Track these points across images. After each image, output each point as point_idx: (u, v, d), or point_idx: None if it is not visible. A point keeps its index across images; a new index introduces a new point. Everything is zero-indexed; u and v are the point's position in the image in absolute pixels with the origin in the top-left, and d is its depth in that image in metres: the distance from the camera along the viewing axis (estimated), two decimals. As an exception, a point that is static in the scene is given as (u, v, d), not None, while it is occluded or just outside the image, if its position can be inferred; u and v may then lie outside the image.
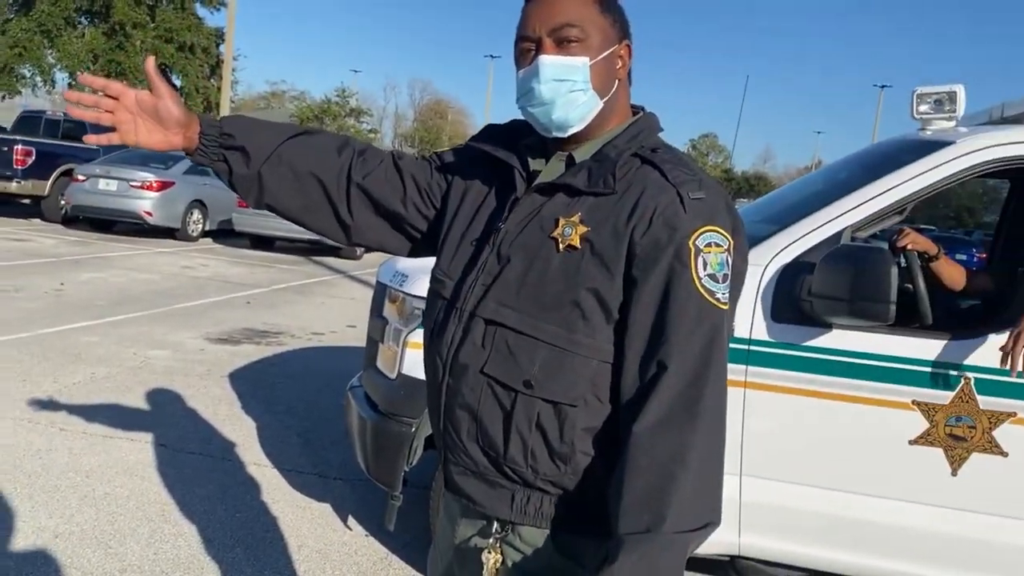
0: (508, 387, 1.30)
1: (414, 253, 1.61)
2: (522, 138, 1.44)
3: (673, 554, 1.17)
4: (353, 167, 1.51)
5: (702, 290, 1.23)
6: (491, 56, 63.51)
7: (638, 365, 1.25)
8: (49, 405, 4.79)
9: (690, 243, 1.24)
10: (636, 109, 1.44)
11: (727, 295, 1.26)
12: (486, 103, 64.58)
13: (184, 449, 4.32)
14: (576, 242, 1.28)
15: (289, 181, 1.49)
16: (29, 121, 16.89)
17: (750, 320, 2.63)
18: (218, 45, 30.06)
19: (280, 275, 11.27)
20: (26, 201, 14.92)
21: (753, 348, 2.63)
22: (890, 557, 2.62)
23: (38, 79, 28.25)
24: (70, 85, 28.31)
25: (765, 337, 2.62)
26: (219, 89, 29.46)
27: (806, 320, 2.57)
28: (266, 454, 4.40)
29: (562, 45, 1.31)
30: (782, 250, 2.67)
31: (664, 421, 1.20)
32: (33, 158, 13.96)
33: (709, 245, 1.24)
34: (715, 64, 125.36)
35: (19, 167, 13.84)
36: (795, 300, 2.58)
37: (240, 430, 4.71)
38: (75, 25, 27.79)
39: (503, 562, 1.37)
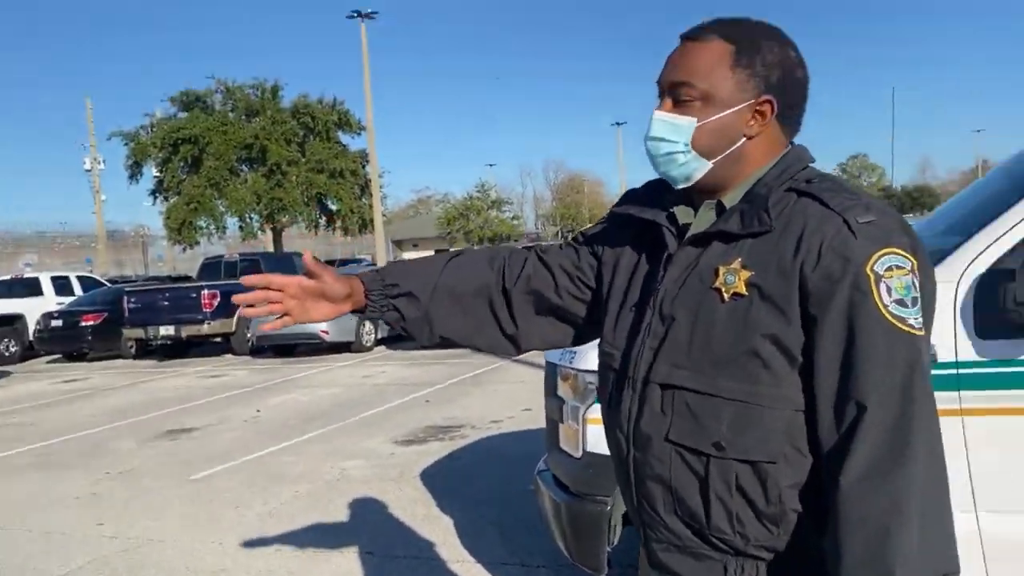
0: (698, 452, 1.24)
1: (580, 340, 1.60)
2: (665, 195, 1.41)
3: None
4: (506, 277, 1.53)
5: (891, 317, 1.15)
6: (617, 123, 64.25)
7: (833, 410, 1.17)
8: (262, 527, 5.07)
9: (867, 270, 1.16)
10: (789, 144, 1.38)
11: (920, 319, 1.16)
12: (619, 170, 65.05)
13: (391, 554, 4.41)
14: (741, 289, 1.22)
15: (454, 309, 1.53)
16: (210, 267, 18.55)
17: (953, 341, 2.42)
18: (364, 166, 32.12)
19: (452, 370, 11.56)
20: (217, 340, 16.20)
21: (963, 371, 2.41)
22: None
23: (212, 227, 31.03)
24: (241, 228, 31.02)
25: (974, 357, 2.40)
26: (371, 206, 31.39)
27: (1018, 331, 2.33)
28: (467, 549, 4.42)
29: (679, 104, 1.30)
30: (974, 260, 2.46)
31: (872, 470, 1.11)
32: (218, 299, 15.23)
33: (890, 269, 1.16)
34: (848, 81, 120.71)
35: (207, 310, 15.15)
36: (1001, 312, 2.35)
37: (439, 528, 4.78)
38: (238, 174, 30.51)
39: None
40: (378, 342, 15.40)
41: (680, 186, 1.33)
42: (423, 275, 1.53)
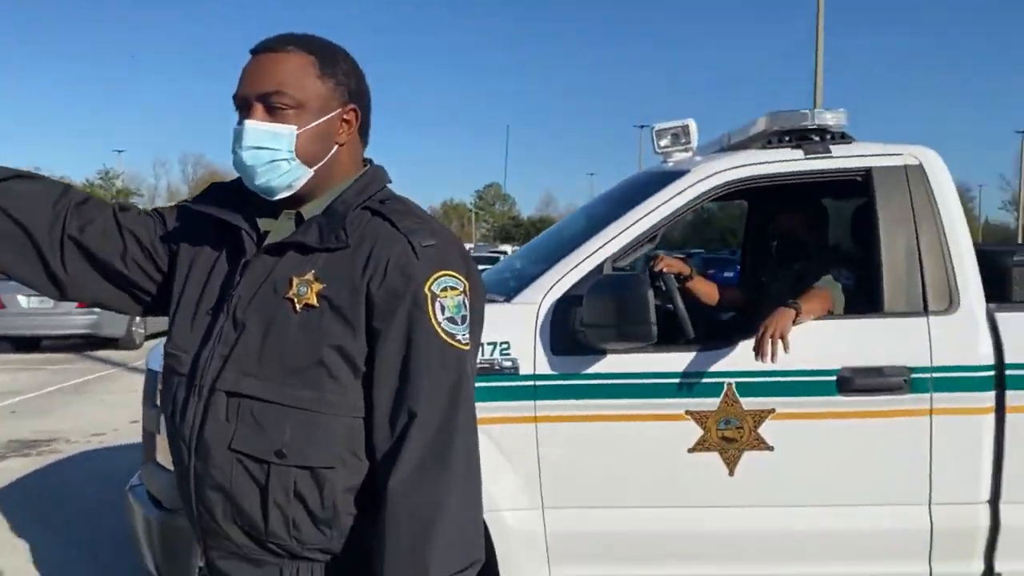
0: (259, 460, 1.26)
1: (147, 314, 1.52)
2: (247, 198, 1.40)
3: None
4: (69, 218, 1.39)
5: (443, 333, 1.26)
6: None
7: (388, 416, 1.26)
8: None
9: (426, 289, 1.26)
10: (366, 161, 1.45)
11: (467, 336, 1.29)
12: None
13: (-58, 589, 3.79)
14: (313, 300, 1.27)
15: None
16: None
17: (532, 356, 2.72)
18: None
19: (50, 377, 10.28)
20: None
21: (539, 383, 2.72)
22: (689, 562, 2.77)
23: None
24: None
25: (548, 371, 2.72)
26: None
27: (583, 349, 2.69)
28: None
29: (273, 112, 1.30)
30: (552, 286, 2.79)
31: (418, 471, 1.21)
32: None
33: (445, 289, 1.28)
34: (480, 116, 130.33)
35: None
36: (571, 332, 2.70)
37: (14, 555, 4.20)
38: None
39: None
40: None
41: (279, 196, 1.33)
42: None
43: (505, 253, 28.51)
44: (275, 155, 1.30)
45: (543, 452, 2.72)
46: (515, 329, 2.73)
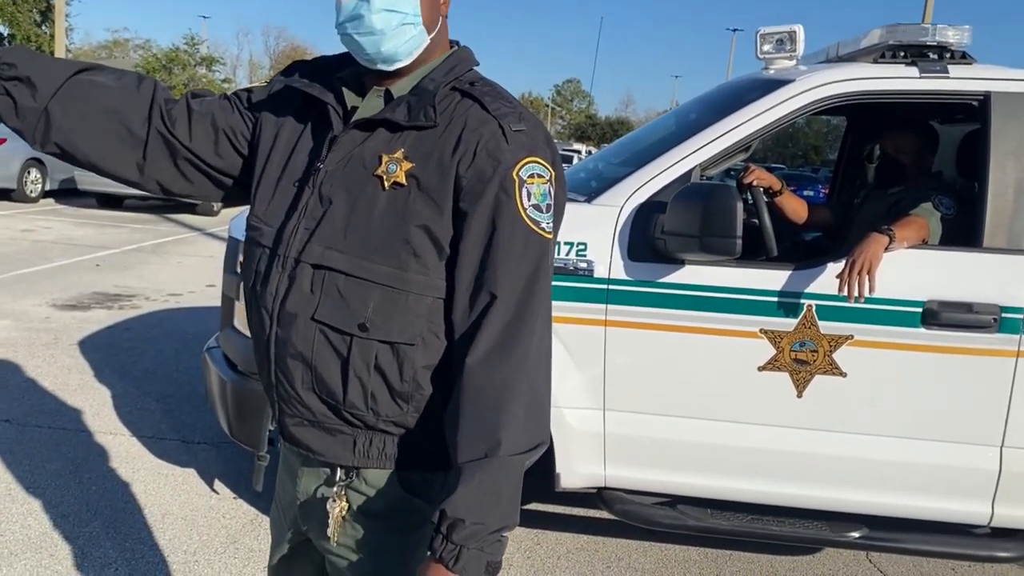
0: (342, 332, 1.27)
1: (226, 200, 1.54)
2: (334, 73, 1.38)
3: (510, 475, 1.21)
4: (154, 106, 1.40)
5: (527, 219, 1.25)
6: None
7: (468, 297, 1.26)
8: None
9: (514, 174, 1.24)
10: (451, 43, 1.41)
11: (551, 225, 1.28)
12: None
13: (31, 424, 4.05)
14: (402, 179, 1.26)
15: (82, 118, 1.37)
16: None
17: (608, 260, 2.68)
18: (48, -12, 27.71)
19: (132, 235, 10.67)
20: None
21: (612, 287, 2.69)
22: (746, 478, 2.77)
23: None
24: None
25: (623, 276, 2.68)
26: (52, 37, 27.19)
27: (661, 258, 2.64)
28: (124, 423, 4.19)
29: None
30: (636, 190, 2.73)
31: (495, 350, 1.22)
32: None
33: (532, 176, 1.26)
34: (572, 7, 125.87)
35: None
36: (650, 239, 2.64)
37: (94, 400, 4.46)
38: None
39: (349, 508, 1.36)
40: (46, 194, 13.70)
41: (397, 64, 1.30)
42: (52, 67, 1.35)
43: (578, 152, 28.07)
44: (404, 18, 1.27)
45: (610, 355, 2.72)
46: (594, 231, 2.69)
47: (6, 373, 4.78)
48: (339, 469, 1.36)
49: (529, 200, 1.25)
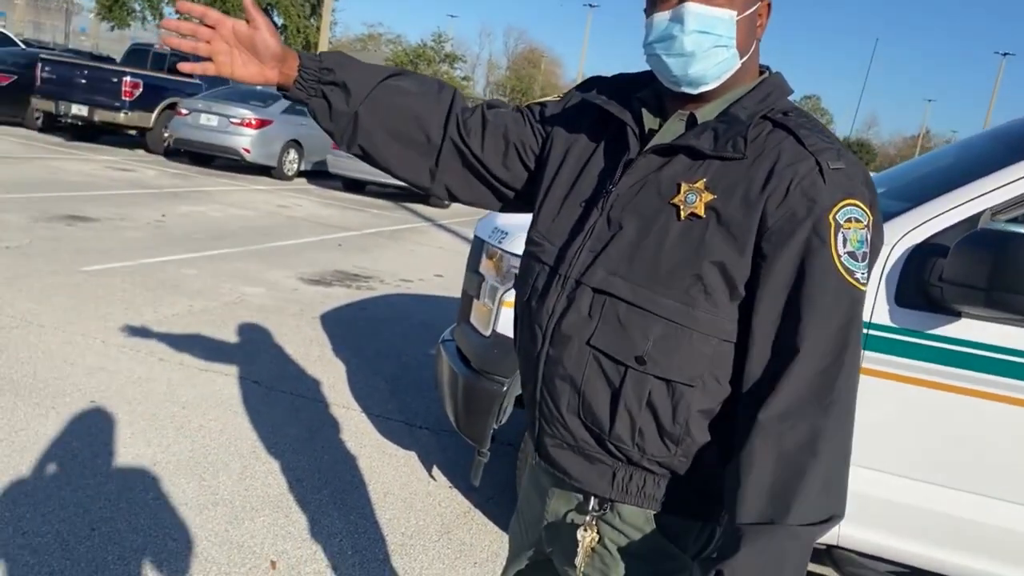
0: (618, 361, 1.22)
1: (505, 210, 1.54)
2: (632, 91, 1.33)
3: (798, 546, 1.11)
4: (451, 115, 1.43)
5: (841, 269, 1.14)
6: (590, 5, 62.28)
7: (768, 348, 1.16)
8: (149, 334, 4.96)
9: (830, 217, 1.14)
10: (762, 68, 1.32)
11: (866, 275, 1.17)
12: (581, 54, 63.55)
13: (276, 388, 4.40)
14: (700, 210, 1.18)
15: (386, 124, 1.42)
16: (137, 54, 17.44)
17: (872, 302, 2.47)
18: (319, -16, 30.32)
19: (371, 219, 11.39)
20: (132, 132, 15.39)
21: (872, 332, 2.48)
22: (1003, 563, 2.46)
23: (147, 13, 29.03)
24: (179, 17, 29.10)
25: (887, 322, 2.46)
26: (318, 29, 29.79)
27: (934, 307, 2.40)
28: (355, 398, 4.45)
29: None
30: (912, 229, 2.49)
31: (795, 409, 1.12)
32: (140, 90, 14.36)
33: (849, 220, 1.15)
34: (816, 22, 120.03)
35: (127, 99, 14.26)
36: (923, 285, 2.41)
37: (330, 372, 4.78)
38: (184, -40, 28.40)
39: (600, 540, 1.32)
40: (299, 173, 14.97)
41: (703, 88, 1.24)
42: (365, 73, 1.41)
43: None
44: (718, 40, 1.20)
45: (861, 407, 2.50)
46: (858, 268, 2.49)
47: (260, 337, 5.24)
48: (593, 498, 1.32)
49: (845, 247, 1.14)
